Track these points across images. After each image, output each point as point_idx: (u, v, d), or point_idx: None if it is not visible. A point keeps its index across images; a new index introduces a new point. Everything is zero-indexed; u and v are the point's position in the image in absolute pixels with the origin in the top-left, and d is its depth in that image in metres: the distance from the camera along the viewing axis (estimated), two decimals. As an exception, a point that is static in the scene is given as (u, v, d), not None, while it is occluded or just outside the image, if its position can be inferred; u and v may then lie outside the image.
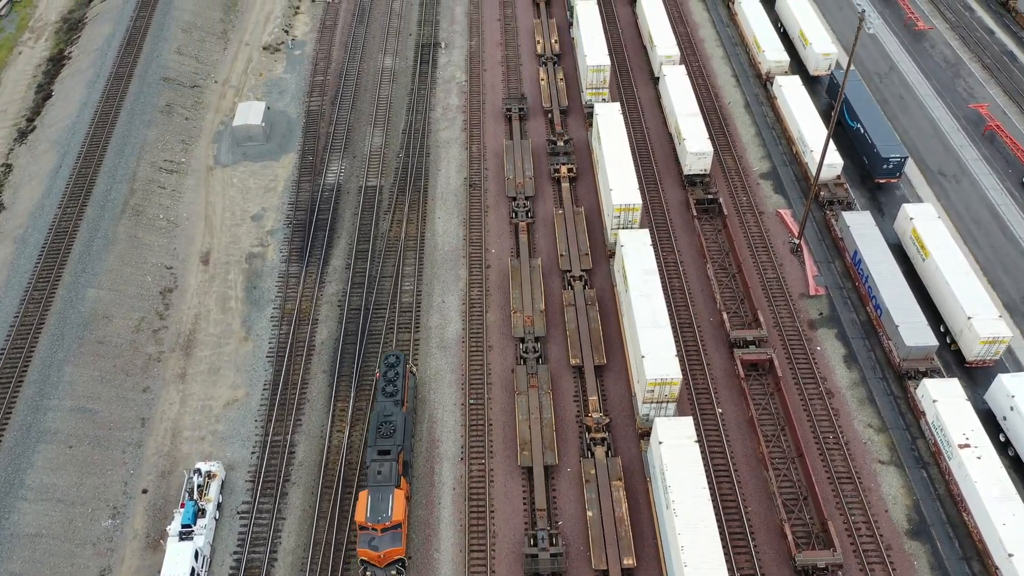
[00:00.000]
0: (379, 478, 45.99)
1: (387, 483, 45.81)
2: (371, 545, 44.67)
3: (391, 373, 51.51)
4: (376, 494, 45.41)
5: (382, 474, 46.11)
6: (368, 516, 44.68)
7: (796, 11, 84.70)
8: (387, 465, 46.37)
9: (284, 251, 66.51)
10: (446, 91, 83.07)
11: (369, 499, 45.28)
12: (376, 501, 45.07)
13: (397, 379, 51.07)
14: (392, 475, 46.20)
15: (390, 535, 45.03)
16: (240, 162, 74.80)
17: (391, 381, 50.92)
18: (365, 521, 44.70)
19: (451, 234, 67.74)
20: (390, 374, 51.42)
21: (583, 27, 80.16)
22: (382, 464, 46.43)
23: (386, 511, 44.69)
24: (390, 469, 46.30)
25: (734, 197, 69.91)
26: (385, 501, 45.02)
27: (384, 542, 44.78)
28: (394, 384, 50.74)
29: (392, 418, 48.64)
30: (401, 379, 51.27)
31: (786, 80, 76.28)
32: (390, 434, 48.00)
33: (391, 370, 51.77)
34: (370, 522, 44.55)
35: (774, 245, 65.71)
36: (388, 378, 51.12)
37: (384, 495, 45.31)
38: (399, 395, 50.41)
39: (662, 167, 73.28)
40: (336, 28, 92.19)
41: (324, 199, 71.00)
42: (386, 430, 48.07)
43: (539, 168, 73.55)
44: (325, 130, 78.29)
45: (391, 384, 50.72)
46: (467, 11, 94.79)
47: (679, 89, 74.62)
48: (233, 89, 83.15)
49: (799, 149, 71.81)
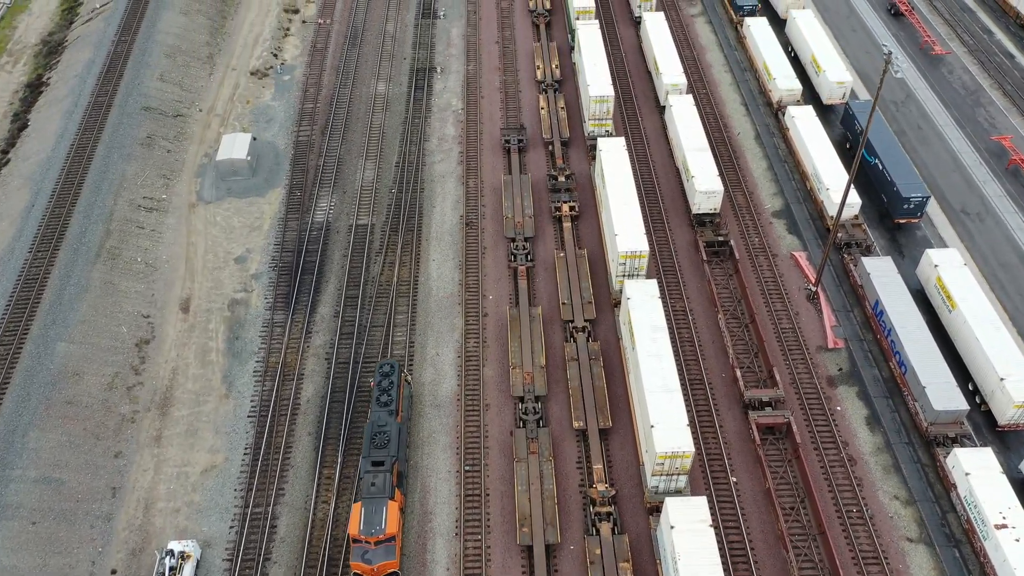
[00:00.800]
0: (373, 490, 45.31)
1: (381, 495, 45.15)
2: (364, 558, 43.84)
3: (385, 382, 50.70)
4: (369, 506, 44.67)
5: (376, 486, 45.42)
6: (361, 529, 43.93)
7: (807, 35, 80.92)
8: (381, 476, 45.77)
9: (269, 297, 62.68)
10: (442, 120, 79.27)
11: (362, 511, 44.58)
12: (370, 513, 44.38)
13: (392, 388, 50.26)
14: (386, 487, 45.53)
15: (384, 548, 44.27)
16: (224, 198, 70.96)
17: (385, 390, 50.21)
18: (358, 534, 43.94)
19: (446, 278, 63.94)
20: (384, 383, 50.64)
21: (585, 53, 76.37)
22: (376, 475, 45.82)
23: (380, 524, 44.00)
24: (384, 480, 45.64)
25: (745, 238, 66.11)
26: (379, 513, 44.32)
27: (378, 555, 44.01)
28: (388, 393, 50.02)
29: (386, 428, 47.89)
30: (396, 388, 50.51)
31: (799, 111, 72.51)
32: (384, 444, 47.28)
33: (386, 379, 50.92)
34: (363, 535, 43.84)
35: (789, 291, 61.91)
36: (383, 387, 50.38)
37: (378, 507, 44.56)
38: (393, 405, 49.62)
39: (669, 204, 69.49)
40: (327, 51, 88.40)
41: (312, 239, 67.16)
42: (380, 440, 47.39)
43: (539, 205, 69.74)
44: (314, 162, 74.47)
45: (385, 393, 50.03)
46: (464, 33, 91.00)
47: (686, 121, 70.83)
48: (218, 118, 79.32)
49: (814, 186, 68.04)
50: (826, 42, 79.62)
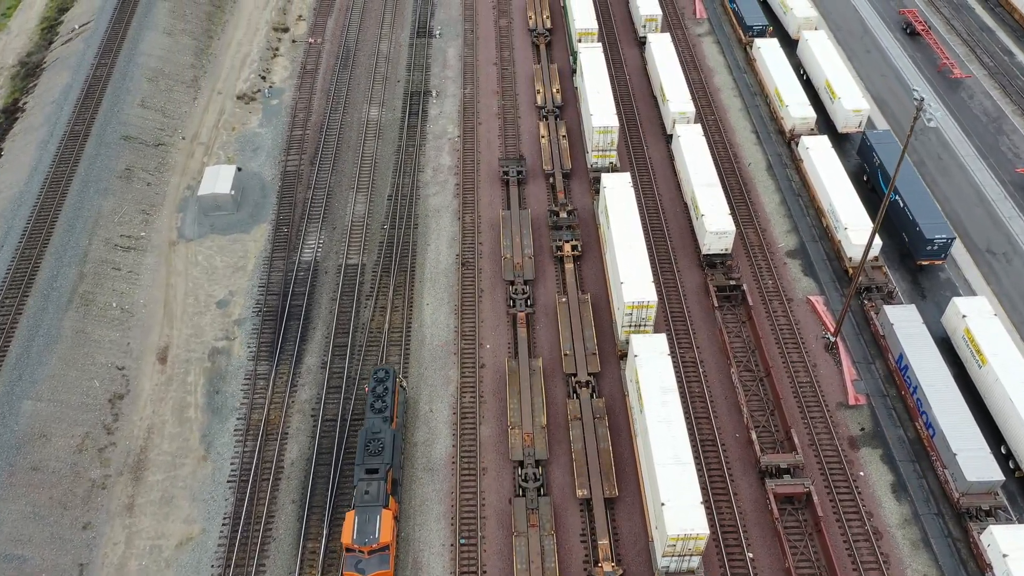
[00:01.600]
0: (366, 498, 44.65)
1: (375, 503, 44.52)
2: (358, 568, 43.21)
3: (380, 388, 50.01)
4: (363, 515, 44.11)
5: (369, 494, 44.77)
6: (355, 538, 43.28)
7: (821, 58, 77.08)
8: (375, 485, 45.12)
9: (252, 345, 58.89)
10: (437, 148, 75.45)
11: (356, 520, 43.95)
12: (363, 522, 43.77)
13: (386, 395, 49.72)
14: (380, 495, 44.85)
15: (377, 557, 43.49)
16: (207, 235, 67.13)
17: (380, 397, 49.58)
18: (352, 543, 43.23)
19: (441, 324, 60.15)
20: (379, 389, 49.95)
21: (588, 80, 72.55)
22: (369, 484, 45.19)
23: (373, 533, 43.34)
24: (378, 489, 45.00)
25: (758, 280, 62.32)
26: (372, 522, 43.71)
27: (371, 565, 43.28)
28: (383, 400, 49.43)
29: (381, 435, 47.38)
30: (391, 395, 49.91)
31: (813, 141, 68.70)
32: (378, 452, 46.70)
33: (380, 385, 50.20)
34: (357, 544, 43.13)
35: (806, 340, 58.14)
36: (377, 393, 49.73)
37: (371, 516, 43.98)
38: (388, 411, 49.01)
39: (677, 241, 65.68)
40: (318, 73, 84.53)
41: (299, 280, 63.36)
42: (374, 448, 46.83)
43: (539, 243, 65.93)
44: (302, 195, 70.64)
45: (380, 400, 49.40)
46: (461, 53, 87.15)
47: (695, 153, 67.02)
48: (202, 147, 75.47)
49: (830, 223, 64.25)
50: (841, 66, 75.79)
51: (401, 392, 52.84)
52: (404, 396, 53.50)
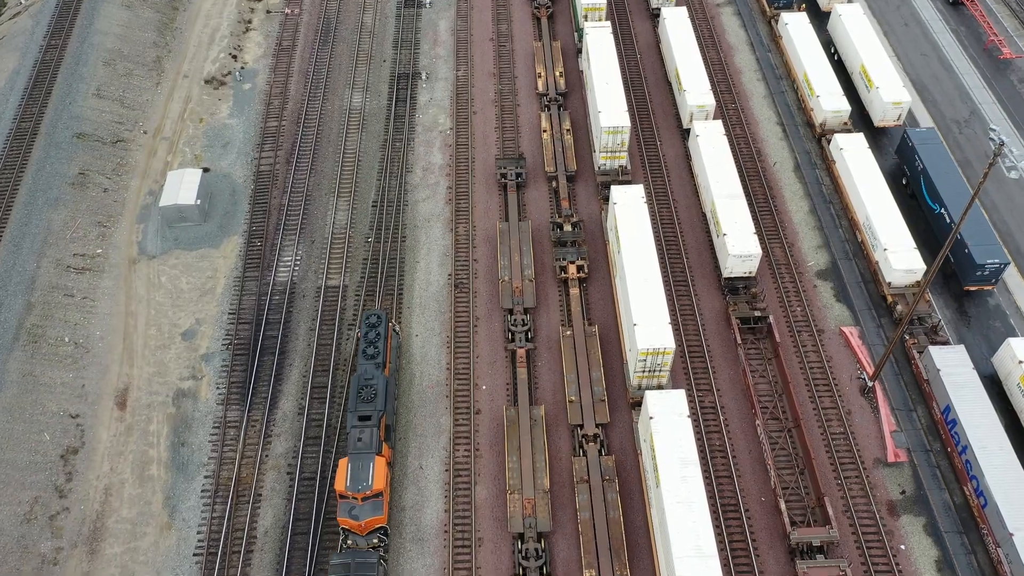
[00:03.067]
0: (359, 445, 44.40)
1: (368, 450, 44.23)
2: (351, 514, 43.29)
3: (372, 334, 49.30)
4: (356, 462, 43.88)
5: (362, 441, 44.51)
6: (348, 485, 43.19)
7: (855, 38, 68.83)
8: (368, 431, 44.83)
9: (221, 386, 52.87)
10: (427, 143, 67.95)
11: (349, 467, 43.74)
12: (356, 470, 43.59)
13: (379, 340, 49.03)
14: (373, 442, 44.60)
15: (371, 504, 43.53)
16: (171, 250, 60.36)
17: (372, 342, 48.98)
18: (345, 490, 43.18)
19: (431, 361, 54.04)
20: (371, 335, 49.28)
21: (595, 67, 64.60)
22: (362, 431, 44.87)
23: (367, 480, 43.25)
24: (371, 436, 44.74)
25: (785, 307, 55.89)
26: (366, 470, 43.58)
27: (365, 511, 43.36)
28: (375, 346, 48.79)
29: (373, 382, 46.96)
30: (383, 340, 49.22)
31: (848, 141, 61.27)
32: (371, 399, 46.35)
33: (372, 330, 49.48)
34: (350, 491, 43.10)
35: (839, 380, 52.11)
36: (369, 339, 49.12)
37: (365, 463, 43.79)
38: (380, 357, 48.40)
39: (694, 258, 59.00)
40: (295, 51, 76.22)
41: (274, 306, 56.96)
42: (367, 394, 46.46)
43: (541, 260, 59.22)
44: (277, 201, 63.57)
45: (372, 346, 48.80)
46: (453, 26, 78.60)
47: (715, 157, 59.72)
48: (166, 142, 67.93)
49: (866, 239, 57.45)
50: (878, 48, 67.63)
51: (394, 336, 52.32)
52: (397, 340, 53.00)
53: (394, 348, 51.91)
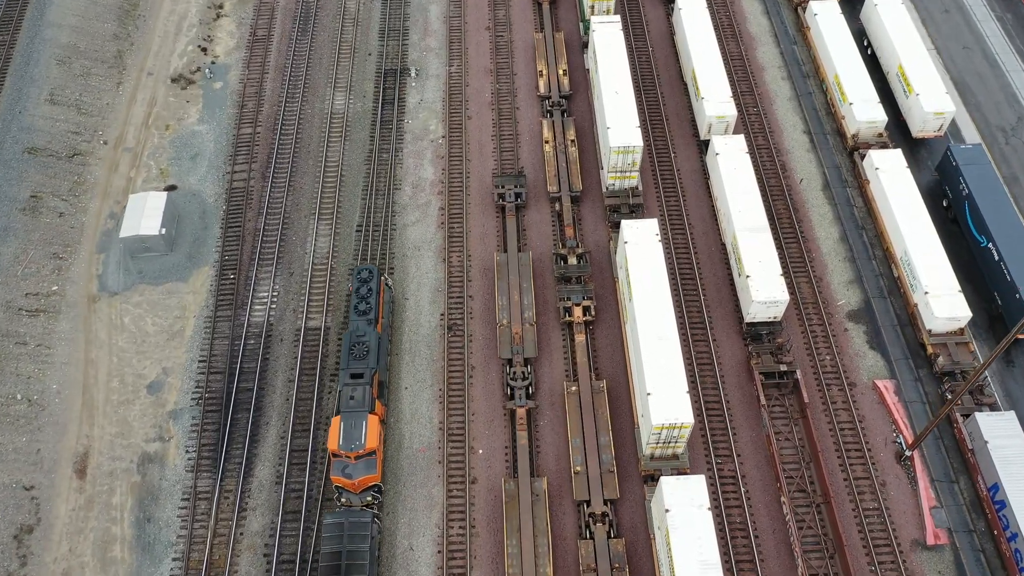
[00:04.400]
0: (352, 403, 44.05)
1: (360, 408, 43.93)
2: (344, 473, 43.07)
3: (364, 289, 48.82)
4: (349, 420, 43.52)
5: (355, 399, 44.19)
6: (341, 444, 42.95)
7: (893, 33, 61.78)
8: (360, 389, 44.47)
9: (191, 449, 48.00)
10: (417, 154, 61.58)
11: (342, 426, 43.40)
12: (349, 428, 43.26)
13: (370, 295, 48.62)
14: (366, 400, 44.28)
15: (364, 462, 43.37)
16: (135, 285, 54.73)
17: (364, 298, 48.51)
18: (338, 449, 42.90)
19: (422, 419, 49.03)
20: (363, 290, 48.76)
21: (603, 71, 57.88)
22: (355, 388, 44.58)
23: (359, 438, 43.00)
24: (363, 393, 44.39)
25: (813, 355, 50.59)
26: (358, 428, 43.25)
27: (358, 470, 43.15)
28: (367, 301, 48.31)
29: (365, 339, 46.50)
30: (375, 295, 48.79)
31: (884, 160, 55.04)
32: (363, 356, 45.96)
33: (364, 286, 49.00)
34: (343, 450, 42.85)
35: (872, 444, 47.21)
36: (361, 295, 48.62)
37: (357, 421, 43.47)
38: (373, 313, 47.96)
39: (712, 297, 53.43)
40: (271, 42, 69.03)
41: (249, 352, 51.69)
42: (359, 351, 46.01)
43: (543, 297, 53.66)
44: (252, 224, 57.63)
45: (364, 301, 48.33)
46: (445, 12, 71.16)
47: (737, 180, 53.60)
48: (129, 154, 61.55)
49: (903, 275, 51.83)
50: (919, 47, 60.69)
51: (387, 291, 51.48)
52: (390, 295, 52.16)
53: (387, 303, 51.19)
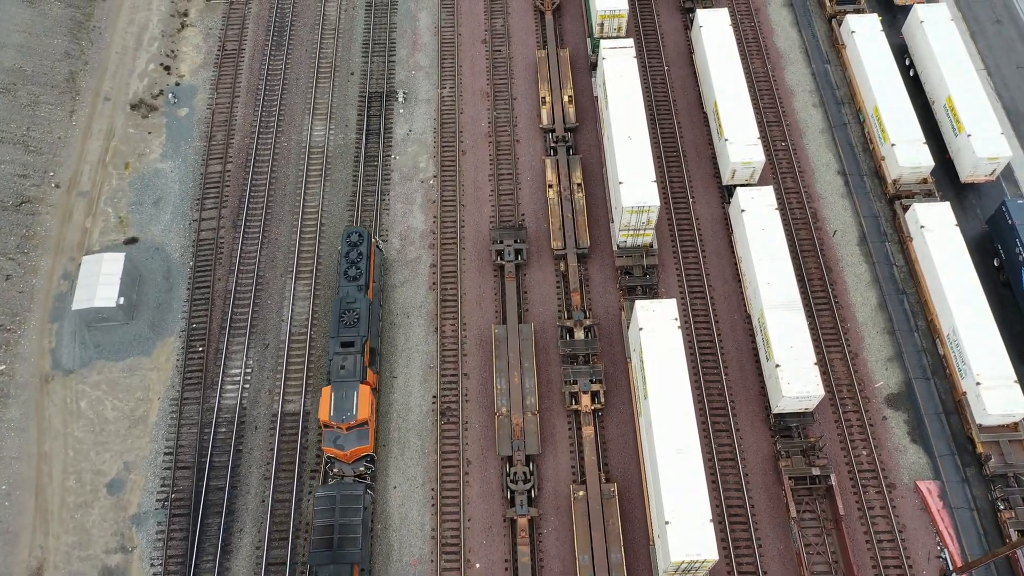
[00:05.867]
0: (343, 373, 43.25)
1: (351, 378, 43.12)
2: (336, 444, 42.42)
3: (354, 253, 47.33)
4: (340, 391, 42.71)
5: (346, 368, 43.32)
6: (332, 415, 42.14)
7: (940, 57, 54.75)
8: (351, 359, 43.48)
9: (156, 561, 43.25)
10: (406, 197, 55.25)
11: (332, 396, 42.55)
12: (340, 399, 42.45)
13: (360, 260, 47.15)
14: (357, 369, 43.41)
15: (356, 433, 42.65)
16: (92, 362, 49.19)
17: (354, 263, 47.07)
18: (329, 420, 42.11)
19: (413, 525, 44.13)
20: (352, 254, 47.28)
21: (615, 113, 51.21)
22: (345, 358, 43.54)
23: (351, 409, 42.21)
24: (354, 363, 43.45)
25: (847, 448, 45.35)
26: (350, 399, 42.41)
27: (350, 441, 42.45)
28: (357, 266, 46.94)
29: (356, 305, 45.39)
30: (365, 260, 47.28)
31: (930, 216, 48.86)
32: (354, 323, 44.77)
33: (354, 249, 47.50)
34: (334, 421, 42.04)
35: (914, 560, 42.38)
36: (351, 259, 47.12)
37: (348, 392, 42.65)
38: (363, 279, 46.61)
39: (735, 378, 47.89)
40: (242, 56, 61.84)
41: (220, 442, 46.52)
42: (349, 319, 44.80)
43: (547, 376, 48.17)
44: (223, 285, 51.77)
45: (354, 266, 46.93)
46: (437, 21, 63.66)
47: (767, 244, 47.54)
48: (84, 199, 55.23)
49: (949, 354, 46.27)
50: (971, 75, 53.78)
51: (378, 254, 50.13)
52: (381, 258, 50.79)
53: (377, 266, 49.80)
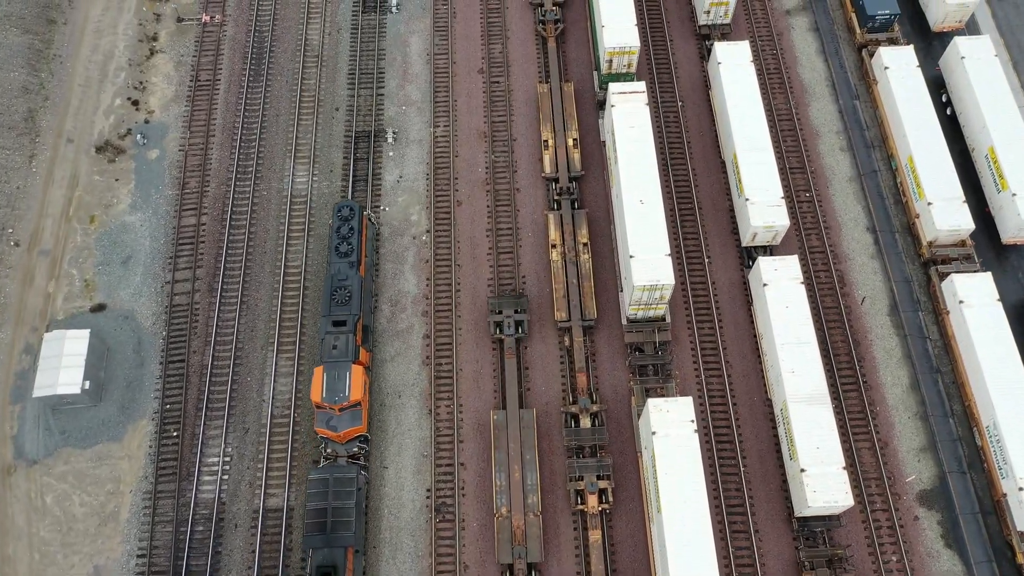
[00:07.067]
0: (335, 353, 42.10)
1: (344, 358, 41.94)
2: (329, 425, 41.58)
3: (345, 228, 45.85)
4: (332, 371, 41.59)
5: (338, 348, 42.17)
6: (324, 396, 41.11)
7: (983, 100, 49.84)
8: (343, 338, 42.41)
9: None
10: (396, 256, 50.82)
11: (325, 377, 41.48)
12: (332, 380, 41.37)
13: (352, 235, 45.66)
14: (349, 349, 42.23)
15: (349, 414, 41.75)
16: (58, 450, 45.43)
17: (345, 238, 45.64)
18: (321, 401, 41.17)
19: (406, 640, 40.99)
20: (344, 229, 45.81)
21: (624, 168, 46.62)
22: (337, 337, 42.41)
23: (343, 390, 41.15)
24: (347, 342, 42.32)
25: (876, 553, 41.73)
26: (342, 380, 41.36)
27: (343, 422, 41.65)
28: (348, 242, 45.49)
29: (347, 283, 44.11)
30: (357, 235, 45.81)
31: (970, 290, 44.57)
32: (346, 301, 43.60)
33: (345, 224, 45.99)
34: (327, 402, 41.07)
35: None
36: (342, 234, 45.71)
37: (341, 372, 41.53)
38: (355, 255, 45.10)
39: (755, 471, 44.10)
40: (217, 88, 56.72)
41: (197, 542, 43.05)
42: (341, 297, 43.66)
43: (550, 467, 44.43)
44: (199, 359, 47.72)
45: (345, 242, 45.51)
46: (429, 47, 58.28)
47: (791, 330, 43.34)
48: (46, 259, 50.81)
49: (988, 449, 42.44)
50: (1018, 124, 48.87)
51: (370, 227, 48.73)
52: (373, 232, 49.37)
53: (370, 240, 48.33)
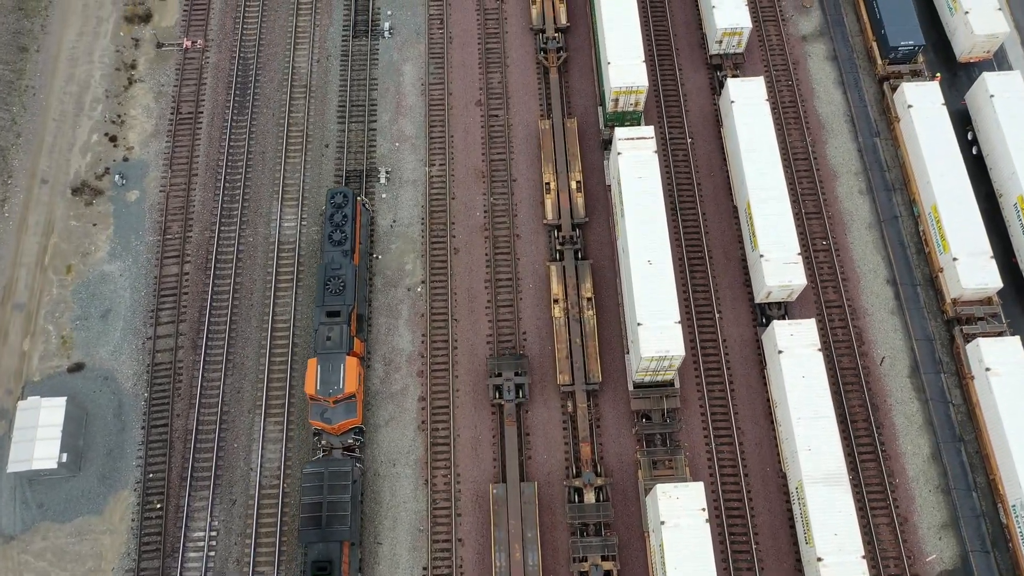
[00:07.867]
0: (329, 344, 41.58)
1: (338, 350, 41.53)
2: (324, 418, 41.21)
3: (338, 216, 45.25)
4: (326, 363, 41.07)
5: (332, 340, 41.69)
6: (318, 388, 40.64)
7: (1013, 144, 46.91)
8: (337, 329, 41.96)
9: None
10: (390, 309, 48.18)
11: (319, 369, 40.92)
12: (326, 372, 40.89)
13: (345, 223, 45.07)
14: (343, 340, 41.79)
15: (343, 406, 41.38)
16: (35, 525, 43.26)
17: (338, 226, 44.99)
18: (315, 394, 40.69)
19: None
20: (337, 217, 45.23)
21: (632, 224, 43.91)
22: (331, 328, 41.95)
23: (338, 383, 40.74)
24: (340, 333, 41.91)
25: (895, 642, 40.01)
26: (336, 372, 40.91)
27: (338, 414, 41.23)
28: (342, 230, 44.87)
29: (341, 272, 43.50)
30: (350, 223, 45.21)
31: (997, 354, 42.10)
32: (339, 291, 43.07)
33: (338, 212, 45.39)
34: (321, 395, 40.60)
35: None
36: (335, 222, 45.10)
37: (335, 364, 41.06)
38: (348, 243, 44.57)
39: (767, 547, 42.01)
40: (200, 121, 53.66)
41: (182, 626, 41.13)
42: (335, 287, 43.11)
43: (551, 544, 42.28)
44: (183, 424, 45.36)
45: (338, 230, 44.89)
46: (424, 76, 55.04)
47: (808, 401, 40.95)
48: (20, 314, 48.17)
49: (1012, 526, 40.32)
50: (1049, 172, 45.99)
51: (364, 213, 47.89)
52: (367, 217, 48.33)
53: (364, 227, 47.40)
